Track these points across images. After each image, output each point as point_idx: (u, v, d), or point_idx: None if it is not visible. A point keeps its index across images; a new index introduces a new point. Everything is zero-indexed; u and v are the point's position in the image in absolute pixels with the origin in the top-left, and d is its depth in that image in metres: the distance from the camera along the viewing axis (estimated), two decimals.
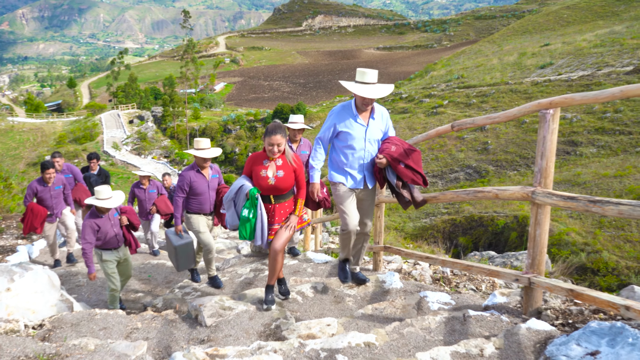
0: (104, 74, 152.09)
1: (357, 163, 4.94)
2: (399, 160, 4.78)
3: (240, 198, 4.74)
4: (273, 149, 4.63)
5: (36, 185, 7.82)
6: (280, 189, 4.75)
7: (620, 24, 73.48)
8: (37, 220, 7.64)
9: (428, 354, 3.28)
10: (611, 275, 18.01)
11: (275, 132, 4.59)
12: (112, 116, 73.11)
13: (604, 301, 3.19)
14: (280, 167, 4.76)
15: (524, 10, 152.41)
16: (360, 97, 4.74)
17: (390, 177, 4.91)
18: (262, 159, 4.79)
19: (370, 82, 4.71)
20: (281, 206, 4.85)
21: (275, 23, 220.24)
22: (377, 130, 4.97)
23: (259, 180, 4.71)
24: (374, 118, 4.93)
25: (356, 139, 4.87)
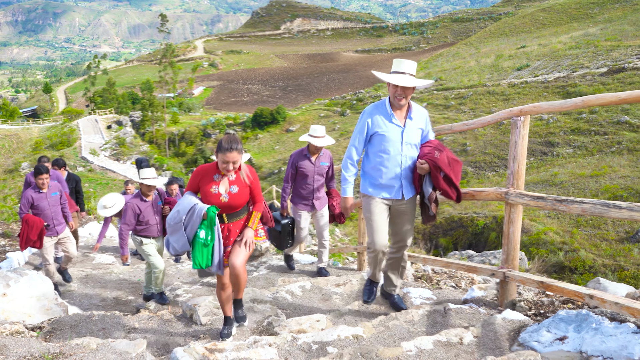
0: (81, 79, 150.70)
1: (394, 170, 4.36)
2: (441, 169, 4.21)
3: (194, 220, 4.10)
4: (227, 167, 4.06)
5: (31, 194, 7.16)
6: (233, 206, 4.22)
7: (595, 26, 74.98)
8: (33, 233, 6.94)
9: (412, 343, 3.56)
10: (588, 274, 18.52)
11: (232, 149, 4.02)
12: (90, 121, 72.53)
13: (571, 291, 3.51)
14: (234, 182, 4.23)
15: (500, 13, 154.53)
16: (393, 88, 4.22)
17: (426, 187, 4.34)
18: (212, 173, 4.23)
19: (406, 71, 4.20)
20: (236, 225, 4.34)
21: (253, 26, 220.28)
22: (416, 132, 4.39)
23: (209, 198, 4.16)
24: (411, 118, 4.36)
25: (392, 142, 4.31)
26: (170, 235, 4.21)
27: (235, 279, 4.32)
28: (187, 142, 63.06)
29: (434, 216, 4.42)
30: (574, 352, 3.15)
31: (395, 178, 4.37)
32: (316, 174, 6.53)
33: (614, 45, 53.96)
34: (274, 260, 8.00)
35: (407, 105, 4.38)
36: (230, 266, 4.26)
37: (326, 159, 6.66)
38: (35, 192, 7.14)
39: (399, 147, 4.32)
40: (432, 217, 4.44)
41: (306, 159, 6.52)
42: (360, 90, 76.75)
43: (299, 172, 6.53)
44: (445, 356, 3.42)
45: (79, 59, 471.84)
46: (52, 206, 7.23)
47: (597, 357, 3.00)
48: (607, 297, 3.22)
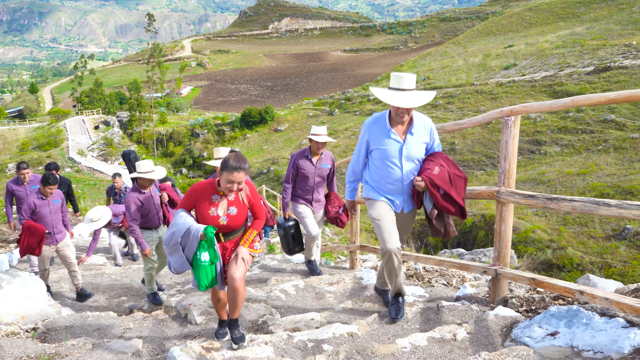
0: (67, 79, 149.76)
1: (395, 185, 4.22)
2: (438, 187, 4.05)
3: (191, 242, 3.90)
4: (232, 187, 3.85)
5: (34, 200, 6.89)
6: (231, 227, 4.07)
7: (581, 25, 75.63)
8: (34, 240, 6.75)
9: (407, 339, 3.62)
10: (576, 271, 18.73)
11: (239, 169, 3.80)
12: (77, 122, 72.10)
13: (562, 287, 3.58)
14: (233, 202, 4.06)
15: (487, 12, 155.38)
16: (394, 107, 4.01)
17: (426, 203, 4.18)
18: (210, 193, 4.03)
19: (406, 88, 3.94)
20: (232, 243, 4.19)
21: (241, 26, 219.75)
22: (418, 146, 4.18)
23: (207, 221, 3.98)
24: (412, 133, 4.14)
25: (391, 158, 4.14)
26: (169, 257, 4.04)
27: (233, 294, 4.06)
28: (175, 142, 62.90)
29: (441, 232, 4.19)
30: (565, 347, 3.22)
31: (396, 192, 4.24)
32: (317, 176, 6.43)
33: (600, 44, 54.48)
34: (266, 260, 8.04)
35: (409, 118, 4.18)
36: (230, 279, 4.03)
37: (328, 161, 6.55)
38: (38, 199, 6.91)
39: (398, 164, 4.15)
40: (439, 232, 4.20)
41: (307, 160, 6.42)
42: (349, 90, 76.93)
43: (299, 173, 6.41)
44: (440, 352, 3.48)
45: (65, 58, 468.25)
46: (54, 214, 7.03)
47: (588, 351, 3.08)
48: (597, 293, 3.30)
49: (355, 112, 55.53)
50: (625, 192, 23.12)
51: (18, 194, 8.30)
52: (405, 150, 4.13)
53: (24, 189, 8.26)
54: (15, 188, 8.28)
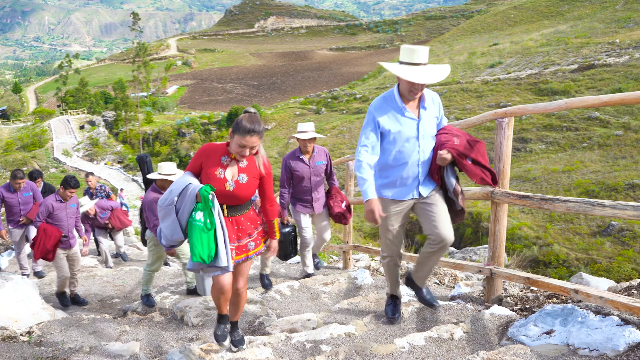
0: (51, 78, 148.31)
1: (411, 169, 3.84)
2: (465, 155, 3.74)
3: (185, 202, 3.46)
4: (244, 152, 3.48)
5: (52, 202, 6.74)
6: (238, 197, 3.61)
7: (565, 23, 76.28)
8: (50, 242, 6.59)
9: (405, 339, 3.66)
10: (562, 267, 18.94)
11: (253, 132, 3.42)
12: (62, 122, 71.49)
13: (557, 286, 3.64)
14: (244, 169, 3.62)
15: (472, 11, 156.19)
16: (408, 83, 3.64)
17: (448, 179, 3.85)
18: (220, 154, 3.61)
19: (420, 62, 3.60)
20: (236, 220, 3.70)
21: (227, 24, 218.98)
22: (431, 122, 3.88)
23: (212, 183, 3.53)
24: (425, 107, 3.82)
25: (407, 139, 3.78)
26: (161, 222, 3.59)
27: (237, 299, 3.84)
28: (162, 141, 62.63)
29: (463, 211, 3.92)
30: (561, 345, 3.27)
31: (412, 177, 3.85)
32: (313, 175, 6.18)
33: (584, 42, 55.02)
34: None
35: None
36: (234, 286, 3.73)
37: (322, 157, 6.29)
38: (56, 202, 6.78)
39: (415, 143, 3.78)
40: (460, 211, 3.94)
41: (299, 161, 6.17)
42: (335, 88, 77.04)
43: (294, 175, 6.17)
44: (437, 352, 3.52)
45: (49, 58, 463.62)
46: (70, 218, 6.93)
47: (584, 349, 3.13)
48: (592, 291, 3.36)
49: (342, 110, 55.59)
50: (610, 189, 23.39)
51: (9, 201, 8.17)
52: (422, 128, 3.80)
53: (15, 196, 8.18)
54: (7, 195, 8.17)
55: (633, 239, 20.10)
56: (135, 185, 46.98)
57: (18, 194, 8.18)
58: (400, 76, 3.60)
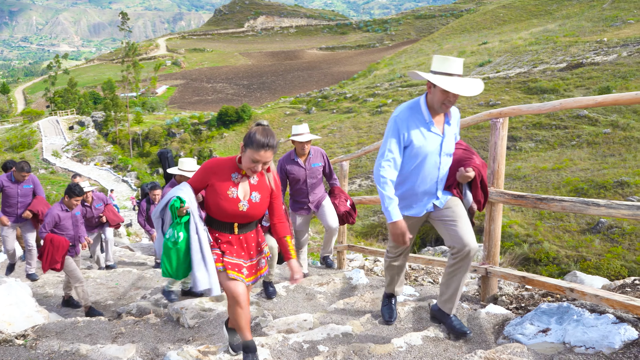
0: (40, 79, 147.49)
1: (427, 185, 3.67)
2: (482, 178, 3.73)
3: (166, 215, 3.36)
4: (256, 167, 3.27)
5: (58, 213, 6.59)
6: (251, 217, 3.43)
7: (553, 22, 76.74)
8: (59, 254, 6.46)
9: (402, 339, 3.68)
10: (552, 265, 19.08)
11: (267, 147, 3.21)
12: (51, 122, 71.06)
13: (552, 285, 3.68)
14: (256, 187, 3.43)
15: (462, 10, 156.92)
16: (442, 94, 3.41)
17: (466, 197, 3.76)
18: (230, 170, 3.38)
19: (455, 72, 3.38)
20: (246, 238, 3.53)
21: (216, 24, 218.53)
22: (452, 138, 3.71)
23: (224, 204, 3.32)
24: (449, 124, 3.65)
25: (429, 154, 3.57)
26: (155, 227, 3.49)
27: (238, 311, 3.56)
28: (152, 142, 62.38)
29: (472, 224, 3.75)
30: (557, 343, 3.31)
31: (428, 193, 3.70)
32: (309, 177, 6.09)
33: (572, 41, 55.39)
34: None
35: None
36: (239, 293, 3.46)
37: (318, 159, 6.15)
38: (62, 211, 6.64)
39: (436, 160, 3.61)
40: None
41: (295, 163, 6.06)
42: (325, 88, 77.06)
43: (290, 178, 6.08)
44: (435, 351, 3.55)
45: (37, 58, 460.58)
46: (75, 226, 6.83)
47: (580, 347, 3.17)
48: (588, 290, 3.40)
49: (333, 109, 55.64)
50: (599, 187, 23.58)
51: (8, 191, 7.95)
52: (445, 144, 3.61)
53: (16, 187, 7.96)
54: (7, 185, 7.94)
55: (622, 236, 20.27)
56: (125, 185, 46.83)
57: (18, 185, 7.98)
58: (440, 85, 3.33)
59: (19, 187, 7.97)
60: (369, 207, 26.95)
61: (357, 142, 40.36)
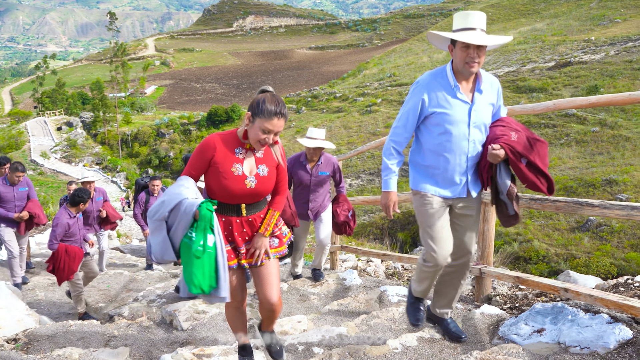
0: (27, 79, 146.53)
1: (457, 160, 3.31)
2: (522, 155, 3.21)
3: (180, 219, 2.90)
4: (267, 139, 2.96)
5: (67, 221, 6.30)
6: (260, 194, 3.12)
7: (541, 21, 77.19)
8: (75, 264, 6.26)
9: (397, 340, 3.68)
10: (542, 263, 19.19)
11: (280, 115, 2.94)
12: (39, 123, 70.54)
13: (547, 285, 3.69)
14: (262, 160, 3.12)
15: (450, 9, 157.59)
16: (462, 52, 3.12)
17: (502, 179, 3.31)
18: (233, 145, 3.06)
19: (477, 26, 3.10)
20: (256, 219, 3.20)
21: (205, 24, 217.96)
22: (486, 108, 3.34)
23: (231, 182, 3.00)
24: (480, 91, 3.29)
25: (455, 124, 3.25)
26: (151, 235, 3.02)
27: (270, 314, 3.36)
28: (141, 142, 62.11)
29: (517, 215, 3.39)
30: (552, 343, 3.32)
31: (458, 171, 3.33)
32: (312, 184, 5.77)
33: (560, 40, 55.74)
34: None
35: (475, 73, 3.31)
36: (265, 300, 3.27)
37: (327, 168, 5.81)
38: (71, 218, 6.38)
39: (465, 131, 3.25)
40: (513, 216, 3.42)
41: (301, 167, 5.75)
42: (315, 87, 76.99)
43: (294, 180, 5.80)
44: (430, 352, 3.55)
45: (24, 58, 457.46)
46: (81, 229, 6.61)
47: (575, 347, 3.18)
48: (582, 290, 3.41)
49: (322, 109, 55.61)
50: (588, 185, 23.74)
51: (4, 195, 7.55)
52: (474, 114, 3.26)
53: (12, 190, 7.61)
54: (3, 189, 7.55)
55: (611, 233, 20.43)
56: (115, 186, 46.58)
57: (14, 189, 7.64)
58: (453, 37, 3.10)
59: (15, 190, 7.66)
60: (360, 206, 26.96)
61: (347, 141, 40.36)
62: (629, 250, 19.10)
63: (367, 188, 33.55)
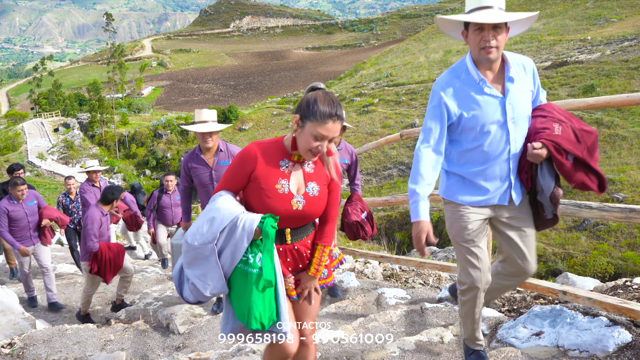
0: (24, 81, 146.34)
1: (498, 163, 2.82)
2: (567, 151, 2.70)
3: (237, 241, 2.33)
4: (321, 147, 2.40)
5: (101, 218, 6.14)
6: (307, 217, 2.57)
7: (538, 21, 77.13)
8: (120, 258, 6.16)
9: (395, 344, 3.65)
10: (540, 262, 19.20)
11: (336, 117, 2.37)
12: (36, 125, 70.35)
13: (545, 288, 3.67)
14: (313, 176, 2.58)
15: (447, 9, 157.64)
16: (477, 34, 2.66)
17: (545, 180, 2.79)
18: (278, 156, 2.52)
19: (493, 4, 2.62)
20: (302, 246, 2.64)
21: (202, 25, 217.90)
22: (524, 97, 2.82)
23: (274, 201, 2.47)
24: (512, 79, 2.79)
25: (490, 124, 2.75)
26: (188, 268, 2.41)
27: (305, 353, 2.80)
28: (138, 143, 61.95)
29: (555, 218, 2.92)
30: (551, 346, 3.30)
31: (500, 175, 2.84)
32: None
33: (556, 40, 55.80)
34: None
35: (500, 59, 2.79)
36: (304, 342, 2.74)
37: (344, 155, 5.27)
38: (103, 216, 6.23)
39: (502, 130, 2.78)
40: (551, 220, 2.94)
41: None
42: None
43: None
44: (428, 356, 3.53)
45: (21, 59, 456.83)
46: (109, 229, 6.49)
47: (574, 350, 3.16)
48: (581, 292, 3.40)
49: None
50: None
51: (15, 214, 6.98)
52: (510, 108, 2.76)
53: (21, 207, 7.03)
54: (12, 208, 6.97)
55: (608, 233, 20.46)
56: None
57: (23, 205, 7.06)
58: (463, 19, 2.67)
59: (25, 207, 7.07)
60: None
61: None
62: (625, 249, 19.13)
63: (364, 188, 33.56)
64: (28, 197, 7.13)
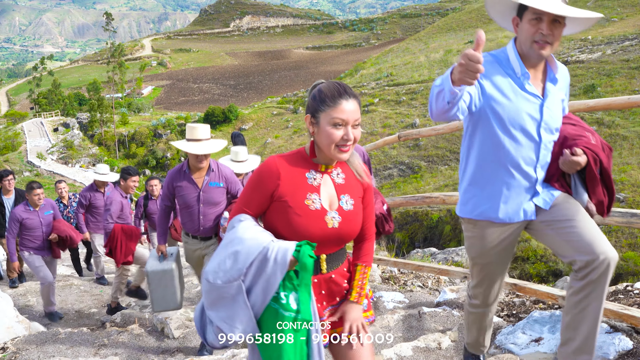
0: (23, 80, 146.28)
1: (523, 173, 2.50)
2: (602, 165, 2.47)
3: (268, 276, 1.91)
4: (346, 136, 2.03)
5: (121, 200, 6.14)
6: (344, 236, 2.14)
7: None
8: (133, 243, 6.00)
9: (392, 350, 3.59)
10: (540, 262, 19.13)
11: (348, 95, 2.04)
12: (35, 124, 70.36)
13: (544, 293, 3.61)
14: (344, 187, 2.18)
15: (447, 9, 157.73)
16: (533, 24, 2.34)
17: (577, 194, 2.53)
18: (303, 168, 2.13)
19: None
20: (339, 275, 2.21)
21: (202, 24, 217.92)
22: (559, 105, 2.54)
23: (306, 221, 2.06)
24: (555, 80, 2.51)
25: (522, 125, 2.42)
26: (211, 309, 2.00)
27: None
28: (138, 143, 61.94)
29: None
30: (550, 353, 3.24)
31: (525, 187, 2.53)
32: None
33: None
34: None
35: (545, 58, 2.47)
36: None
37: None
38: (124, 199, 6.19)
39: (534, 134, 2.45)
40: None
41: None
42: None
43: None
44: None
45: (21, 59, 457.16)
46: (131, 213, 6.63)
47: None
48: None
49: None
50: None
51: (29, 222, 6.66)
52: (547, 112, 2.45)
53: (36, 216, 6.70)
54: (27, 216, 6.64)
55: (608, 233, 20.37)
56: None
57: (39, 213, 6.72)
58: (523, 2, 2.27)
59: (41, 216, 6.74)
60: None
61: None
62: (626, 249, 19.03)
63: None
64: (45, 206, 6.80)
